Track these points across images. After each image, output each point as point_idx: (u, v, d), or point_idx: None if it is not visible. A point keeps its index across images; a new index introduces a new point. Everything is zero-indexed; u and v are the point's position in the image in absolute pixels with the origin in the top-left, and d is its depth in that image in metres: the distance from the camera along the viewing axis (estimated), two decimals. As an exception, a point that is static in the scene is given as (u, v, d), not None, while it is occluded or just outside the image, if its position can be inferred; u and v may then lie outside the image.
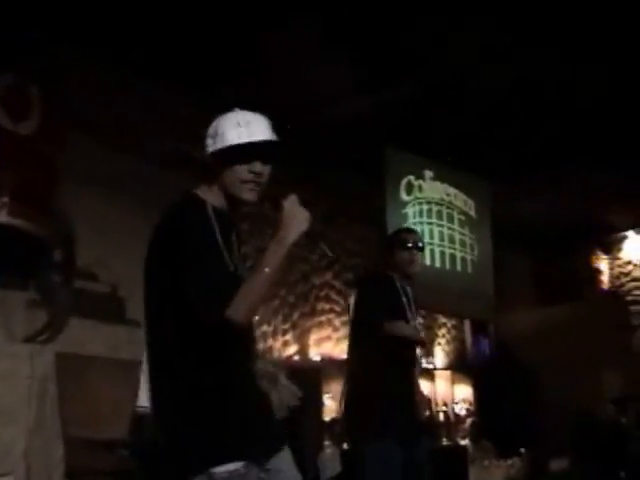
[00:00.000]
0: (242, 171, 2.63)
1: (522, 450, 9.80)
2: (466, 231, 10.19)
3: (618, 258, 12.45)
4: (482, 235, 10.27)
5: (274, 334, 8.58)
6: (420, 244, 4.70)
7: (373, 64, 7.13)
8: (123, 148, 6.94)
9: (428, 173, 9.69)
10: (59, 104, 6.11)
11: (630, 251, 12.22)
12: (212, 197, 2.67)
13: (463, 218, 10.17)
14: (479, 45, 6.85)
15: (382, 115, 7.89)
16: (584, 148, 8.74)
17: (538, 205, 10.52)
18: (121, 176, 6.86)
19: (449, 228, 9.93)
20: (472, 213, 10.31)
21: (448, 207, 10.03)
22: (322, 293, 9.33)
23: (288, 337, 8.73)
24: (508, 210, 10.28)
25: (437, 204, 9.85)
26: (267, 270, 2.45)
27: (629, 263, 12.28)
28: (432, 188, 9.78)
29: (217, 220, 2.61)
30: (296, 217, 2.58)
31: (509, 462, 9.49)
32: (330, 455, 7.67)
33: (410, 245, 4.61)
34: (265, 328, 8.49)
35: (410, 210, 9.29)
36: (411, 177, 9.38)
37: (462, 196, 10.19)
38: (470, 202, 10.27)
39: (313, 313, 9.16)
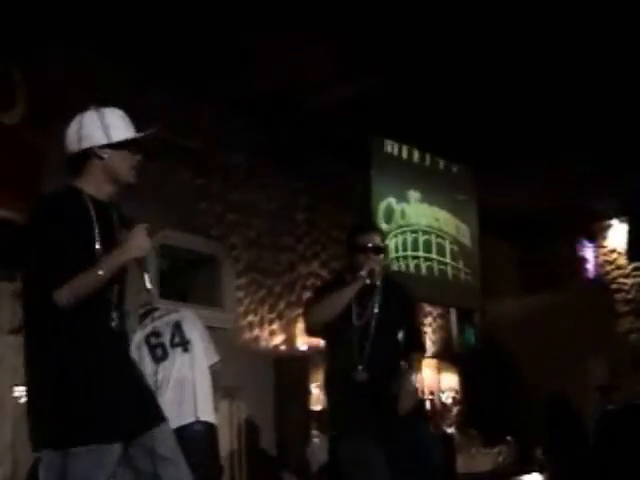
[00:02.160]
0: (133, 159, 3.08)
1: (508, 438, 9.84)
2: (460, 264, 9.08)
3: (603, 246, 12.50)
4: (469, 224, 9.45)
5: (260, 324, 8.57)
6: (380, 244, 4.27)
7: (357, 52, 7.12)
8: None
9: (413, 194, 8.58)
10: (44, 93, 6.07)
11: (614, 239, 12.27)
12: (90, 188, 3.03)
13: (456, 248, 9.04)
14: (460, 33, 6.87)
15: (367, 103, 7.88)
16: (568, 135, 8.76)
17: (523, 193, 10.53)
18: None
19: (440, 263, 8.83)
20: (466, 241, 9.20)
21: (438, 236, 8.77)
22: (309, 282, 9.32)
23: (275, 327, 8.72)
24: (493, 198, 10.25)
25: (424, 233, 8.62)
26: (100, 272, 2.80)
27: (614, 251, 12.33)
28: (418, 212, 8.60)
29: (95, 208, 2.98)
30: (139, 243, 2.94)
31: (496, 450, 9.53)
32: (318, 445, 7.67)
33: (369, 246, 4.20)
34: (251, 318, 8.48)
35: (391, 242, 8.05)
36: (392, 200, 8.30)
37: (454, 220, 9.08)
38: (463, 227, 9.19)
39: (300, 302, 9.14)
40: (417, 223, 8.61)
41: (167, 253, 7.82)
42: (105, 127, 3.02)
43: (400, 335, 4.29)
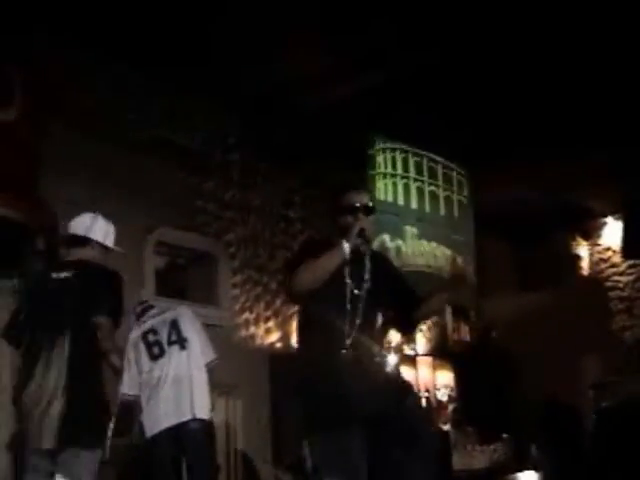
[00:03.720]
0: (107, 258, 4.69)
1: (504, 435, 9.86)
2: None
3: (598, 244, 12.52)
4: (470, 260, 8.69)
5: (256, 321, 8.58)
6: (368, 204, 3.89)
7: (351, 52, 7.13)
8: (105, 135, 6.92)
9: (410, 230, 7.89)
10: (41, 91, 6.07)
11: (609, 237, 12.27)
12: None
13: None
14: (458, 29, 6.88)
15: (363, 103, 7.88)
16: (564, 134, 8.77)
17: (518, 191, 10.54)
18: (103, 163, 6.84)
19: None
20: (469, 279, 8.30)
21: (439, 277, 7.85)
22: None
23: (270, 324, 8.73)
24: (488, 196, 10.24)
25: (423, 275, 7.86)
26: None
27: (608, 249, 12.34)
28: (415, 250, 7.93)
29: None
30: None
31: (491, 447, 9.55)
32: (314, 442, 7.66)
33: (357, 206, 3.82)
34: (247, 315, 8.49)
35: None
36: (385, 237, 7.60)
37: (455, 257, 8.16)
38: (467, 265, 8.15)
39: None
40: (414, 263, 8.00)
41: (163, 251, 7.83)
42: (106, 233, 4.65)
43: (380, 316, 3.84)
